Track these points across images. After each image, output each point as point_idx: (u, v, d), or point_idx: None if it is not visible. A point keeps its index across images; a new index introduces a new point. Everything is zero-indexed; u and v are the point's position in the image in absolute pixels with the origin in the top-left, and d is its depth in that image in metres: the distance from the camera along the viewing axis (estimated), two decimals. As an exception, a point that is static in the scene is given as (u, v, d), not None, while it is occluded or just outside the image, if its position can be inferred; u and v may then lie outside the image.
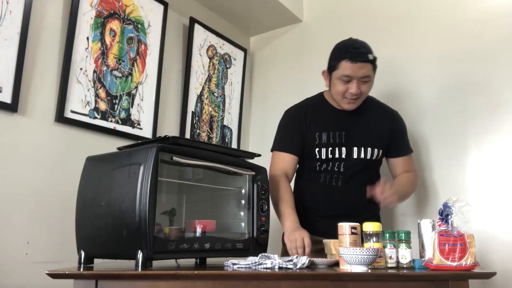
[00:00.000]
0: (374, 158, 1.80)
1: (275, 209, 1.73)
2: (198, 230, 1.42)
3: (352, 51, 1.69)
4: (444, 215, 1.27)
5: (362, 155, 1.78)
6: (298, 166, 1.87)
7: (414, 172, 1.91)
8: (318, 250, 1.62)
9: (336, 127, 1.79)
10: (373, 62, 1.73)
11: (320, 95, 1.91)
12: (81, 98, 1.88)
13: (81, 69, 1.89)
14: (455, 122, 2.11)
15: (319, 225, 1.76)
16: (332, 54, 1.78)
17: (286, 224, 1.64)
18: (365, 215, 1.73)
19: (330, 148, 1.78)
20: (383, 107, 1.91)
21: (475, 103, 2.07)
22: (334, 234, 1.67)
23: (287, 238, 1.57)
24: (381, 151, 1.82)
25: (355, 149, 1.78)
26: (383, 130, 1.83)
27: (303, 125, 1.81)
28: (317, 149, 1.78)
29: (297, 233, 1.55)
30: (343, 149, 1.77)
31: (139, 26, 2.17)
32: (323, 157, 1.78)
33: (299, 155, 1.82)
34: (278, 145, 1.85)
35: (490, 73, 2.06)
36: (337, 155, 1.77)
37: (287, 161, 1.80)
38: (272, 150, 1.87)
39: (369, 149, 1.79)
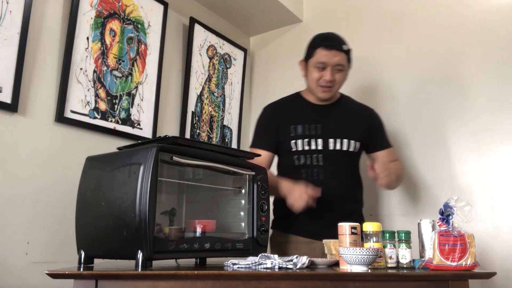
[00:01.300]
0: (351, 150, 1.82)
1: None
2: (198, 230, 1.42)
3: (328, 40, 1.79)
4: (445, 215, 1.27)
5: (339, 147, 1.81)
6: (279, 166, 1.91)
7: (400, 161, 1.95)
8: (309, 251, 1.64)
9: (312, 119, 1.83)
10: (347, 53, 1.81)
11: (297, 93, 1.97)
12: (81, 98, 1.88)
13: (81, 69, 1.89)
14: (455, 121, 2.11)
15: (306, 224, 1.77)
16: (309, 44, 1.86)
17: (282, 189, 1.70)
18: (347, 210, 1.77)
19: (306, 140, 1.81)
20: (359, 104, 1.97)
21: (475, 103, 2.07)
22: (320, 234, 1.69)
23: (289, 199, 1.63)
24: (358, 143, 1.84)
25: (331, 140, 1.81)
26: (360, 124, 1.87)
27: (278, 120, 1.86)
28: (292, 141, 1.81)
29: (294, 191, 1.62)
30: (319, 140, 1.80)
31: (139, 26, 2.17)
32: (299, 148, 1.81)
33: (274, 151, 1.87)
34: (254, 142, 1.91)
35: (490, 73, 2.06)
36: (313, 147, 1.80)
37: (262, 157, 1.82)
38: (250, 147, 1.92)
39: (345, 140, 1.82)
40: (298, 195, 1.60)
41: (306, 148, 1.80)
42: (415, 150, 2.20)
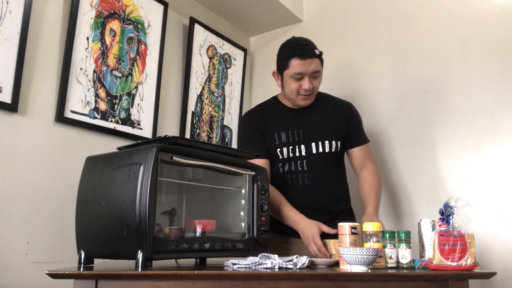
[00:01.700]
0: (333, 150, 1.83)
1: (276, 215, 1.76)
2: (198, 230, 1.42)
3: (300, 48, 1.75)
4: (446, 215, 1.27)
5: (321, 149, 1.82)
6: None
7: (374, 165, 1.92)
8: (301, 250, 1.65)
9: (293, 125, 1.84)
10: (320, 57, 1.79)
11: (274, 98, 1.97)
12: (81, 98, 1.88)
13: (81, 69, 1.89)
14: (455, 121, 2.11)
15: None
16: (280, 54, 1.83)
17: (296, 226, 1.69)
18: (336, 210, 1.79)
19: (291, 147, 1.82)
20: (336, 100, 1.96)
21: (475, 103, 2.07)
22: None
23: (305, 242, 1.64)
24: (339, 142, 1.85)
25: (313, 144, 1.82)
26: (338, 122, 1.87)
27: (261, 128, 1.86)
28: (278, 149, 1.82)
29: (308, 233, 1.61)
30: (302, 146, 1.81)
31: (139, 26, 2.17)
32: (285, 156, 1.81)
33: (269, 157, 1.84)
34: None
35: (490, 73, 2.06)
36: (297, 153, 1.81)
37: (262, 164, 1.77)
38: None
39: (327, 142, 1.82)
40: (311, 241, 1.60)
41: (291, 155, 1.81)
42: (415, 150, 2.20)
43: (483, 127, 2.03)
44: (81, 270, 1.22)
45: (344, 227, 1.32)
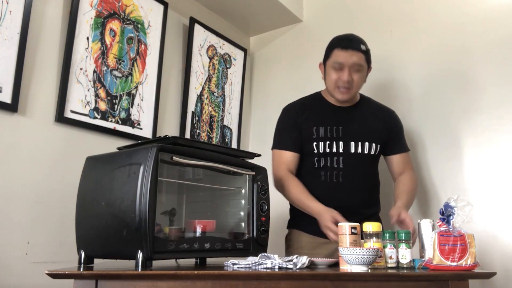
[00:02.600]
0: (372, 153, 1.81)
1: (298, 207, 1.75)
2: (198, 230, 1.42)
3: (345, 40, 1.79)
4: (446, 215, 1.27)
5: (360, 150, 1.79)
6: (299, 167, 1.86)
7: (413, 172, 1.91)
8: (325, 252, 1.64)
9: (333, 121, 1.81)
10: (365, 53, 1.78)
11: (317, 93, 1.94)
12: (81, 98, 1.88)
13: (81, 69, 1.89)
14: (454, 121, 2.11)
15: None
16: (328, 46, 1.84)
17: (315, 213, 1.67)
18: (366, 213, 1.75)
19: (328, 142, 1.78)
20: (380, 105, 1.95)
21: (475, 103, 2.07)
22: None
23: (323, 228, 1.61)
24: (378, 146, 1.83)
25: (353, 143, 1.79)
26: (379, 126, 1.85)
27: (300, 120, 1.83)
28: (314, 143, 1.79)
29: (325, 218, 1.59)
30: (341, 143, 1.78)
31: (139, 26, 2.17)
32: (321, 151, 1.78)
33: (300, 151, 1.82)
34: (278, 143, 1.85)
35: (491, 73, 2.06)
36: (334, 149, 1.78)
37: (289, 158, 1.80)
38: (272, 149, 1.87)
39: (367, 143, 1.80)
40: (328, 225, 1.57)
41: (328, 150, 1.78)
42: (414, 150, 2.20)
43: (483, 126, 2.03)
44: (81, 270, 1.22)
45: (344, 227, 1.32)
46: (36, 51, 1.76)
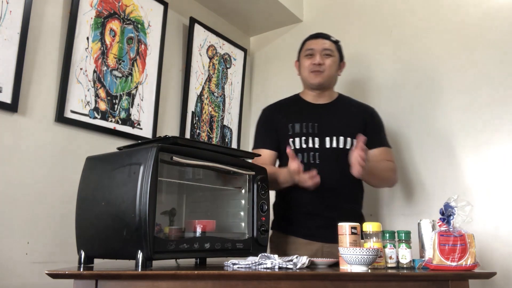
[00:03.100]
0: (348, 147, 1.82)
1: (273, 183, 1.75)
2: (198, 230, 1.42)
3: (315, 34, 1.96)
4: (446, 215, 1.27)
5: (335, 145, 1.82)
6: (279, 166, 1.91)
7: (393, 164, 1.89)
8: (307, 253, 1.64)
9: (308, 118, 1.86)
10: (335, 43, 1.92)
11: (296, 94, 2.01)
12: (81, 98, 1.88)
13: (81, 69, 1.89)
14: (454, 121, 2.11)
15: (304, 225, 1.78)
16: (301, 44, 1.99)
17: (284, 176, 1.72)
18: (345, 207, 1.78)
19: (304, 138, 1.82)
20: (358, 103, 1.98)
21: (475, 103, 2.07)
22: (317, 235, 1.74)
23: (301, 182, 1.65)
24: (354, 141, 1.82)
25: (328, 139, 1.82)
26: (356, 121, 1.87)
27: (277, 119, 1.90)
28: (291, 139, 1.83)
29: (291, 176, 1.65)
30: (316, 139, 1.82)
31: (139, 26, 2.17)
32: (297, 146, 1.82)
33: (277, 150, 1.88)
34: (257, 143, 1.93)
35: (490, 73, 2.06)
36: (310, 145, 1.81)
37: (266, 156, 1.86)
38: (252, 149, 1.94)
39: (342, 138, 1.82)
40: (299, 176, 1.62)
41: (304, 146, 1.81)
42: (414, 150, 2.20)
43: (483, 126, 2.03)
44: (81, 270, 1.22)
45: (344, 227, 1.32)
46: (36, 51, 1.76)
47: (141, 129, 2.13)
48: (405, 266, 1.33)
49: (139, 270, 1.16)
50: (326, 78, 1.86)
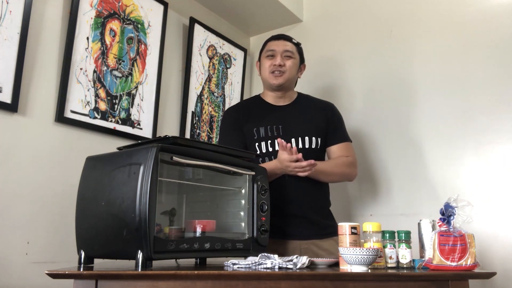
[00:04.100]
0: (313, 146, 1.84)
1: None
2: (198, 230, 1.42)
3: (276, 35, 1.97)
4: (447, 215, 1.27)
5: (300, 145, 1.83)
6: None
7: (352, 158, 1.89)
8: (283, 252, 1.66)
9: (272, 120, 1.87)
10: (296, 45, 1.94)
11: (256, 96, 2.03)
12: (81, 98, 1.88)
13: (81, 69, 1.89)
14: (455, 121, 2.11)
15: (280, 225, 1.75)
16: (262, 44, 2.00)
17: (273, 166, 1.72)
18: (314, 207, 1.80)
19: (270, 141, 1.84)
20: (318, 100, 2.00)
21: (475, 103, 2.07)
22: (291, 234, 1.75)
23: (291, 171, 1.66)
24: (319, 139, 1.86)
25: (293, 140, 1.84)
26: (318, 119, 1.89)
27: (241, 122, 1.90)
28: (257, 143, 1.85)
29: (283, 159, 1.65)
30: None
31: (139, 26, 2.17)
32: (264, 150, 1.83)
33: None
34: (224, 143, 1.90)
35: (490, 73, 2.06)
36: (276, 148, 1.81)
37: None
38: None
39: (307, 137, 1.84)
40: (289, 164, 1.63)
41: (270, 149, 1.83)
42: (415, 150, 2.20)
43: (483, 126, 2.03)
44: (81, 270, 1.22)
45: (344, 227, 1.32)
46: (36, 51, 1.76)
47: (141, 129, 2.13)
48: (405, 266, 1.33)
49: (139, 270, 1.16)
50: (287, 79, 1.88)
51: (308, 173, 1.65)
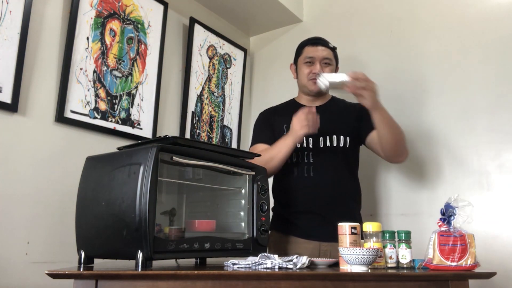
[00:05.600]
0: (341, 145, 1.84)
1: (281, 154, 1.76)
2: (198, 230, 1.42)
3: (314, 39, 1.97)
4: (447, 215, 1.27)
5: (328, 143, 1.84)
6: None
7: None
8: (304, 252, 1.64)
9: None
10: (333, 50, 1.94)
11: (291, 99, 2.05)
12: (81, 98, 1.88)
13: (81, 69, 1.89)
14: (455, 121, 2.11)
15: (301, 224, 1.78)
16: (298, 47, 2.00)
17: (288, 140, 1.75)
18: (340, 208, 1.77)
19: None
20: (350, 103, 1.99)
21: (475, 103, 2.07)
22: (314, 235, 1.74)
23: (300, 130, 1.71)
24: (348, 138, 1.85)
25: (321, 138, 1.85)
26: (349, 119, 1.90)
27: (272, 121, 1.94)
28: None
29: (294, 124, 1.72)
30: (310, 139, 1.85)
31: (139, 26, 2.17)
32: None
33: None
34: (254, 140, 1.96)
35: (490, 73, 2.06)
36: (304, 145, 1.84)
37: (263, 148, 1.86)
38: (250, 147, 1.96)
39: (335, 136, 1.85)
40: (300, 124, 1.70)
41: (298, 146, 1.82)
42: (415, 150, 2.20)
43: (484, 126, 2.03)
44: (81, 270, 1.22)
45: (344, 227, 1.32)
46: (36, 51, 1.76)
47: (141, 129, 2.13)
48: (405, 266, 1.33)
49: (139, 270, 1.16)
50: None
51: (367, 93, 1.61)
